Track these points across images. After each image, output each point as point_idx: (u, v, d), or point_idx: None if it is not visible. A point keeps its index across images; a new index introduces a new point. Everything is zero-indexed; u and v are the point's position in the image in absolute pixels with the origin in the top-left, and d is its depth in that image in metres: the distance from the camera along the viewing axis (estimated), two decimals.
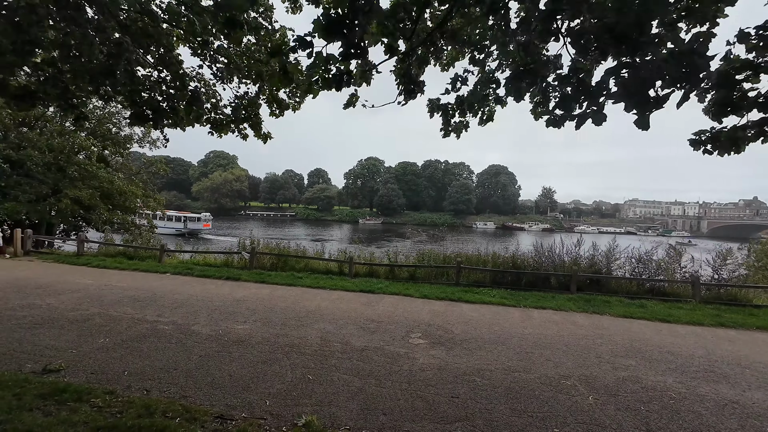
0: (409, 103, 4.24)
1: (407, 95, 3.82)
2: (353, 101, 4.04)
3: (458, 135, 4.46)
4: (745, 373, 4.86)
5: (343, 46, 2.82)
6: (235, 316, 6.37)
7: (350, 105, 4.06)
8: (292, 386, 4.04)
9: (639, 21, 2.54)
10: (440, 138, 4.60)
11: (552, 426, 3.49)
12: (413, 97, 3.88)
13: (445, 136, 4.48)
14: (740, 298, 8.95)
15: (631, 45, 2.69)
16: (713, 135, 3.21)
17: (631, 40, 2.66)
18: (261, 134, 5.52)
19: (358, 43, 2.83)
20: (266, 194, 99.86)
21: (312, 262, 11.24)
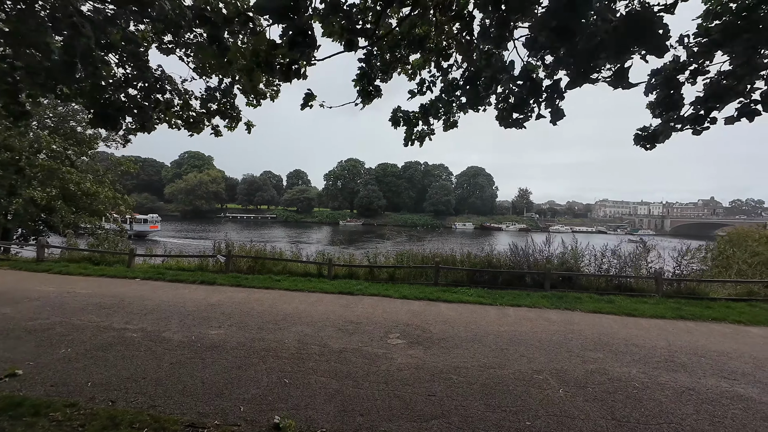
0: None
1: (365, 98, 3.84)
2: (309, 101, 3.99)
3: (421, 143, 4.50)
4: (701, 362, 5.18)
5: (290, 29, 2.74)
6: (209, 321, 6.19)
7: (306, 105, 3.99)
8: (267, 391, 3.97)
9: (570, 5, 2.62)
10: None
11: (524, 419, 3.60)
12: (369, 101, 3.90)
13: (406, 145, 4.49)
14: (698, 292, 9.53)
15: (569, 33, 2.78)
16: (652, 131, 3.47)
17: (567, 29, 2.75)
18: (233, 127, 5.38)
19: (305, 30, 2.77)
20: (244, 196, 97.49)
21: (290, 264, 11.07)
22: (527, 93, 3.49)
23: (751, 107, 3.07)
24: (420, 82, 4.16)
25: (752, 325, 7.21)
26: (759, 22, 2.73)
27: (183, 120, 4.95)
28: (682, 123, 3.37)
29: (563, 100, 3.35)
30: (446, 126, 4.41)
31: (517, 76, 3.48)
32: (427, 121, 4.35)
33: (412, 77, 4.34)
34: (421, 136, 4.43)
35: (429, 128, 4.45)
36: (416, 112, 4.29)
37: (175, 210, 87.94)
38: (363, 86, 3.89)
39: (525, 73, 3.43)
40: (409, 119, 4.33)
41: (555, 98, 3.37)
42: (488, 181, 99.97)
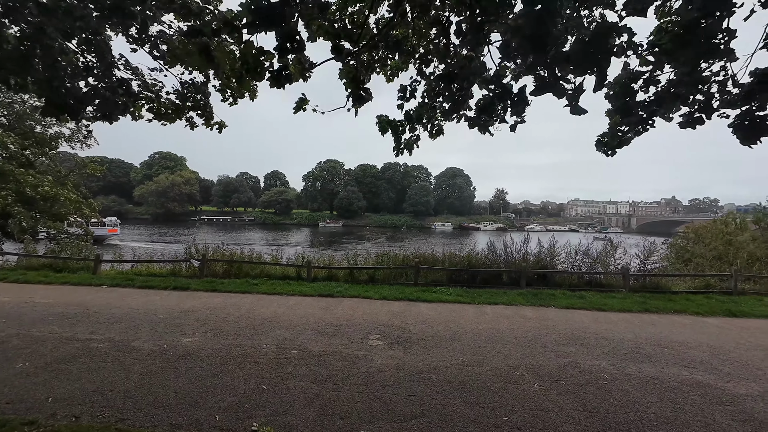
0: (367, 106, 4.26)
1: (356, 101, 3.84)
2: (302, 106, 3.96)
3: (410, 151, 4.53)
4: (665, 352, 5.49)
5: (279, 36, 2.74)
6: (183, 328, 5.97)
7: (299, 109, 3.96)
8: (245, 398, 3.87)
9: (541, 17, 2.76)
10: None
11: (501, 415, 3.69)
12: (362, 104, 3.90)
13: (397, 155, 4.50)
14: (662, 286, 10.10)
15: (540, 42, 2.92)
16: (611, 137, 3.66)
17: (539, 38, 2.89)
18: (210, 123, 5.22)
19: (293, 36, 2.77)
20: (219, 198, 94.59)
21: (268, 267, 10.85)
22: (496, 97, 3.60)
23: (695, 116, 3.28)
24: (401, 89, 4.18)
25: (709, 316, 7.71)
26: (701, 36, 2.92)
27: (154, 112, 4.75)
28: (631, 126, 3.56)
29: (528, 106, 3.49)
30: (432, 134, 4.45)
31: (489, 80, 3.58)
32: (413, 128, 4.37)
33: (391, 79, 4.36)
34: (409, 144, 4.46)
35: (415, 135, 4.48)
36: (402, 121, 4.32)
37: (146, 213, 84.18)
38: (354, 89, 3.89)
39: (497, 77, 3.53)
40: (396, 126, 4.34)
41: (520, 105, 3.49)
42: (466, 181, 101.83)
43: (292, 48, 2.84)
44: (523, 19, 2.86)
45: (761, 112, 2.99)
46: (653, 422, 3.62)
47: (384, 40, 3.87)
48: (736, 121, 3.11)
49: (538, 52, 2.97)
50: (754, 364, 5.17)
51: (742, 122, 3.08)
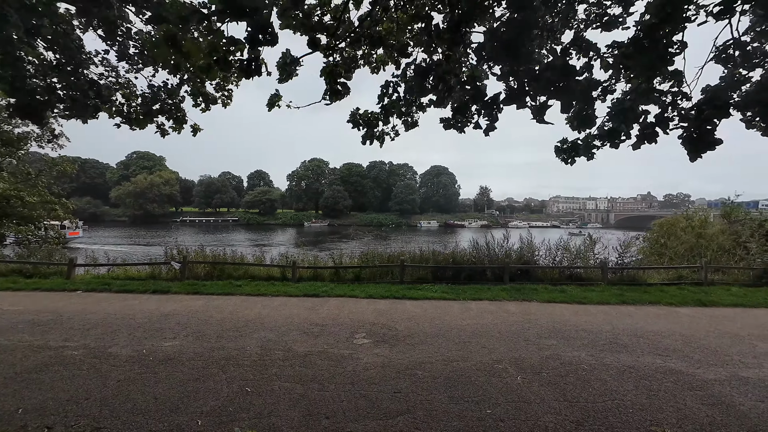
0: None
1: (333, 95, 3.82)
2: (275, 102, 3.91)
3: (381, 142, 4.54)
4: (640, 342, 5.71)
5: (250, 27, 2.70)
6: (163, 333, 5.81)
7: (273, 105, 3.91)
8: (228, 401, 3.80)
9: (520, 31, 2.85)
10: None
11: (485, 408, 3.75)
12: (339, 98, 3.89)
13: (364, 143, 4.49)
14: (638, 279, 10.49)
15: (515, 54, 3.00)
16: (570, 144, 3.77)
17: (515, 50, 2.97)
18: (181, 128, 5.09)
19: (266, 27, 2.73)
20: (201, 198, 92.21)
21: (252, 268, 10.68)
22: (470, 98, 3.65)
23: (651, 129, 3.32)
24: (385, 84, 4.18)
25: (681, 306, 8.06)
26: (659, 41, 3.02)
27: (123, 116, 4.59)
28: (600, 139, 3.64)
29: (500, 112, 3.55)
30: (408, 126, 4.48)
31: (464, 81, 3.63)
32: (387, 121, 4.37)
33: (376, 71, 4.36)
34: (380, 136, 4.46)
35: (392, 129, 4.49)
36: (376, 113, 4.31)
37: (123, 215, 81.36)
38: (331, 84, 3.86)
39: (471, 79, 3.58)
40: (369, 121, 4.33)
41: (494, 109, 3.55)
42: (451, 179, 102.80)
43: (264, 40, 2.79)
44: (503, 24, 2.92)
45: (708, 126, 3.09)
46: (629, 409, 3.76)
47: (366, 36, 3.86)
48: (684, 133, 3.19)
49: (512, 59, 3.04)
50: (723, 350, 5.43)
51: (690, 135, 3.18)
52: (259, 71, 3.11)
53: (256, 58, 3.01)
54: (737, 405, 3.88)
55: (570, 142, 3.76)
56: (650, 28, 2.98)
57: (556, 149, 3.84)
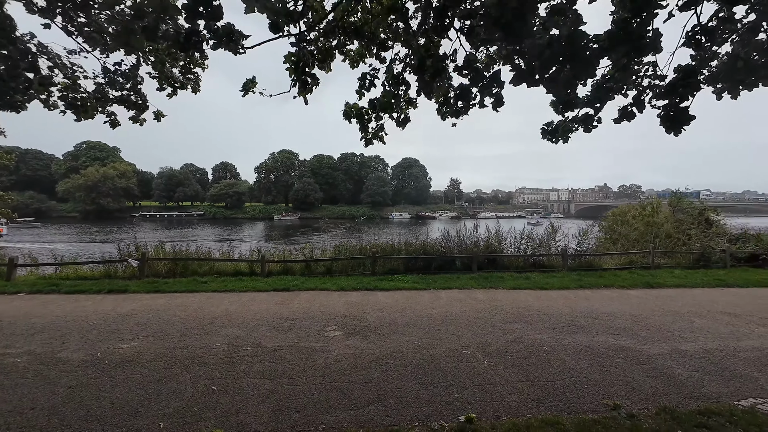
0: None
1: (301, 88, 3.69)
2: (250, 87, 3.75)
3: (382, 140, 4.49)
4: (595, 323, 6.12)
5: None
6: (120, 334, 5.47)
7: (247, 91, 3.76)
8: (193, 401, 3.67)
9: (520, 11, 2.90)
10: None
11: (453, 392, 3.88)
12: (308, 91, 3.77)
13: (367, 144, 4.46)
14: (594, 264, 11.21)
15: (514, 33, 3.05)
16: (554, 127, 3.96)
17: (514, 29, 3.03)
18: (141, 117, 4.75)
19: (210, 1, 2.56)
20: (162, 192, 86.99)
21: (218, 264, 10.29)
22: (471, 81, 3.67)
23: (628, 109, 3.66)
24: (362, 77, 4.08)
25: (632, 288, 8.72)
26: (634, 33, 3.23)
27: (68, 102, 4.20)
28: (576, 122, 3.89)
29: (503, 89, 3.60)
30: (399, 122, 4.40)
31: (461, 66, 3.63)
32: (378, 116, 4.30)
33: (355, 65, 4.24)
34: (376, 133, 4.40)
35: (380, 125, 4.41)
36: (366, 108, 4.22)
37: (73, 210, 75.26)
38: (297, 74, 3.71)
39: (468, 62, 3.59)
40: (361, 114, 4.24)
41: (495, 87, 3.61)
42: (422, 172, 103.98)
43: (205, 12, 2.61)
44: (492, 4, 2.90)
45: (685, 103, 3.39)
46: (584, 385, 4.04)
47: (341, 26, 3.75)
48: (662, 112, 3.50)
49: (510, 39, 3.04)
50: (666, 327, 5.95)
51: (667, 113, 3.47)
52: (199, 47, 2.91)
53: (194, 32, 2.82)
54: (676, 375, 4.27)
55: (554, 125, 3.94)
56: (623, 22, 3.16)
57: (542, 131, 4.01)
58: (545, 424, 3.21)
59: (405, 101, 4.27)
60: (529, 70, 3.36)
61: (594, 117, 3.79)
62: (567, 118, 3.90)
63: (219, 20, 2.67)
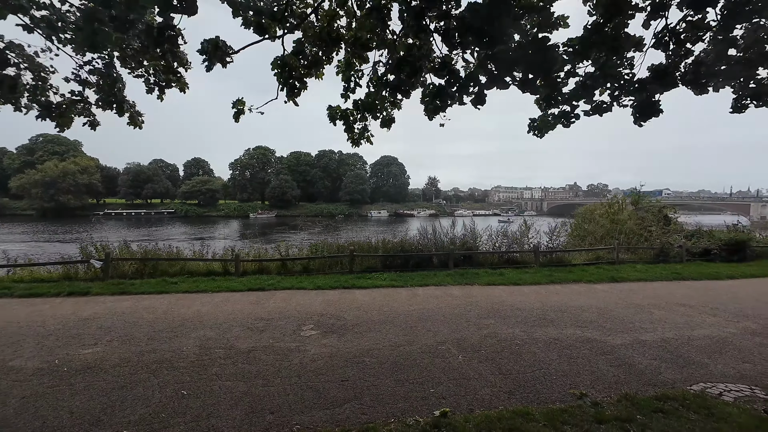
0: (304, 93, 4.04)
1: (290, 92, 3.64)
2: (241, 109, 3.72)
3: (369, 141, 4.51)
4: (564, 316, 6.38)
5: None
6: (81, 339, 5.17)
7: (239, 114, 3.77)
8: (160, 407, 3.52)
9: (490, 17, 2.97)
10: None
11: (429, 388, 3.94)
12: (296, 95, 3.73)
13: (354, 145, 4.48)
14: (564, 260, 11.67)
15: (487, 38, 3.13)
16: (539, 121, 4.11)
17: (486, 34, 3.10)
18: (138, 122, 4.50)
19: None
20: (128, 189, 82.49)
21: (190, 264, 9.92)
22: (446, 82, 3.73)
23: (603, 105, 3.87)
24: (346, 79, 4.07)
25: (599, 283, 9.16)
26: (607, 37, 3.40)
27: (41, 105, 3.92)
28: (555, 118, 4.06)
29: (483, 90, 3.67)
30: (383, 122, 4.42)
31: (437, 67, 3.68)
32: (364, 117, 4.33)
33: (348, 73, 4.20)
34: (362, 133, 4.41)
35: (364, 125, 4.43)
36: (351, 109, 4.23)
37: (29, 208, 70.14)
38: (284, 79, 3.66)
39: (443, 63, 3.65)
40: (347, 116, 4.26)
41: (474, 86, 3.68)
42: (401, 170, 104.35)
43: (179, 6, 2.50)
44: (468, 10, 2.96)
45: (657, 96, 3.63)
46: (553, 376, 4.21)
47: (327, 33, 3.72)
48: (635, 103, 3.71)
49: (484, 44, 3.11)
50: (628, 319, 6.30)
51: (639, 105, 3.70)
52: (174, 42, 2.80)
53: (168, 26, 2.70)
54: (637, 364, 4.53)
55: (539, 119, 4.10)
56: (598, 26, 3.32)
57: (529, 126, 4.18)
58: (516, 415, 3.32)
59: (389, 102, 4.30)
60: (501, 74, 3.45)
61: (572, 114, 3.97)
62: (548, 114, 4.08)
63: (194, 14, 2.56)
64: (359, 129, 4.42)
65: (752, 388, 3.94)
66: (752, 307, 7.13)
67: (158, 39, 2.68)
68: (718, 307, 7.05)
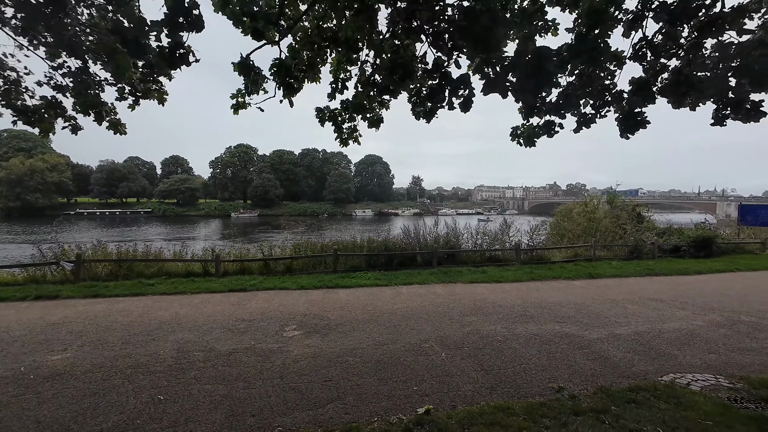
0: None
1: (287, 91, 3.61)
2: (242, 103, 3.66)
3: (357, 141, 4.53)
4: (544, 312, 6.55)
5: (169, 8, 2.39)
6: (50, 345, 4.93)
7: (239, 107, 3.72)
8: (135, 413, 3.40)
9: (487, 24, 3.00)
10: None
11: (412, 385, 3.96)
12: (293, 94, 3.71)
13: (343, 144, 4.49)
14: (544, 258, 11.96)
15: (483, 45, 3.17)
16: (522, 131, 4.18)
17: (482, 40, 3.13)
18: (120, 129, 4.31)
19: (189, 9, 2.44)
20: (102, 187, 79.08)
21: (168, 264, 9.62)
22: (438, 84, 3.75)
23: (587, 117, 3.96)
24: (334, 80, 4.08)
25: (577, 279, 9.44)
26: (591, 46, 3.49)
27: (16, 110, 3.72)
28: (540, 128, 4.14)
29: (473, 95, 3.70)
30: (371, 122, 4.44)
31: (431, 69, 3.69)
32: (352, 118, 4.34)
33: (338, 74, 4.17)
34: (350, 133, 4.42)
35: (353, 126, 4.46)
36: (339, 109, 4.24)
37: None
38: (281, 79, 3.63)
39: (436, 66, 3.66)
40: (335, 116, 4.27)
41: (464, 89, 3.71)
42: (385, 169, 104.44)
43: (186, 23, 2.48)
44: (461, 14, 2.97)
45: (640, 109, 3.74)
46: (533, 371, 4.31)
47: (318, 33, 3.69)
48: (620, 116, 3.82)
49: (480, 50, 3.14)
50: (604, 314, 6.52)
51: (624, 118, 3.80)
52: (186, 60, 2.77)
53: (179, 45, 2.67)
54: (612, 357, 4.70)
55: (521, 129, 4.15)
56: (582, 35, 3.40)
57: (511, 135, 4.24)
58: (497, 410, 3.38)
59: (377, 102, 4.31)
60: (499, 80, 3.49)
61: (556, 124, 4.05)
62: (531, 124, 4.15)
63: (200, 30, 2.53)
64: (348, 129, 4.45)
65: (717, 377, 4.15)
66: (718, 300, 7.51)
67: (170, 59, 2.64)
68: (687, 301, 7.39)
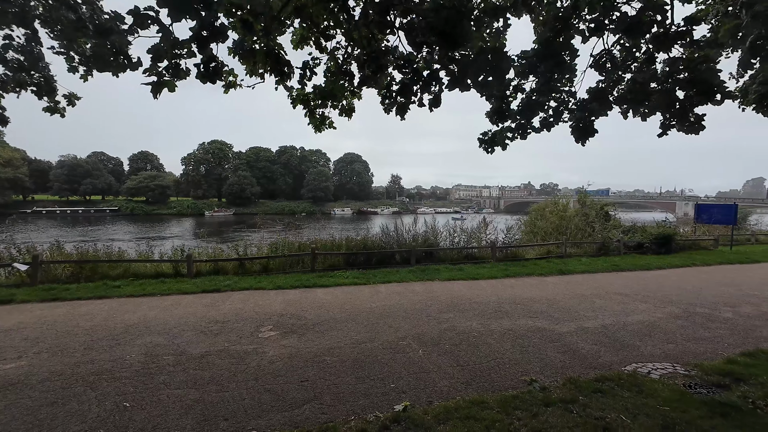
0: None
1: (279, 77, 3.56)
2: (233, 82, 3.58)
3: (332, 126, 4.56)
4: (518, 308, 6.75)
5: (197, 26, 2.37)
6: (2, 353, 4.59)
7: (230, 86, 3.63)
8: (99, 422, 3.23)
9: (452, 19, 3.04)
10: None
11: (389, 383, 3.98)
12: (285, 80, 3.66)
13: (317, 130, 4.52)
14: (519, 255, 12.34)
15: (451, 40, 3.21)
16: (491, 135, 4.29)
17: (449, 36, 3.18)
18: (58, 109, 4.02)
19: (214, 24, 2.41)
20: (63, 184, 74.30)
21: (135, 265, 9.18)
22: (409, 79, 3.77)
23: (549, 120, 4.14)
24: (303, 65, 4.07)
25: (548, 275, 9.79)
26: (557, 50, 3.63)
27: None
28: (511, 131, 4.28)
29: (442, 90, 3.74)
30: (343, 110, 4.49)
31: (402, 64, 3.69)
32: (324, 105, 4.36)
33: (299, 47, 4.15)
34: (324, 120, 4.45)
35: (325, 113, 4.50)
36: (311, 95, 4.25)
37: None
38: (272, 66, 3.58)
39: (408, 60, 3.67)
40: (307, 100, 4.27)
41: (435, 85, 3.75)
42: (364, 167, 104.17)
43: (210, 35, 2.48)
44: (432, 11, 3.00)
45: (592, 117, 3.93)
46: (507, 365, 4.43)
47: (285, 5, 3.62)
48: (574, 124, 4.00)
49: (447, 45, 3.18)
50: (573, 308, 6.80)
51: (577, 125, 3.98)
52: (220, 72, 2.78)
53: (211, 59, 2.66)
54: (580, 350, 4.91)
55: (490, 134, 4.24)
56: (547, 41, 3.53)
57: (479, 140, 4.34)
58: (472, 404, 3.45)
59: (349, 91, 4.31)
60: (461, 76, 3.57)
61: (527, 126, 4.22)
62: (503, 127, 4.28)
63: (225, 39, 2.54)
64: (320, 115, 4.49)
65: (674, 365, 4.43)
66: (676, 294, 8.01)
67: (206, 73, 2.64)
68: (649, 295, 7.84)
